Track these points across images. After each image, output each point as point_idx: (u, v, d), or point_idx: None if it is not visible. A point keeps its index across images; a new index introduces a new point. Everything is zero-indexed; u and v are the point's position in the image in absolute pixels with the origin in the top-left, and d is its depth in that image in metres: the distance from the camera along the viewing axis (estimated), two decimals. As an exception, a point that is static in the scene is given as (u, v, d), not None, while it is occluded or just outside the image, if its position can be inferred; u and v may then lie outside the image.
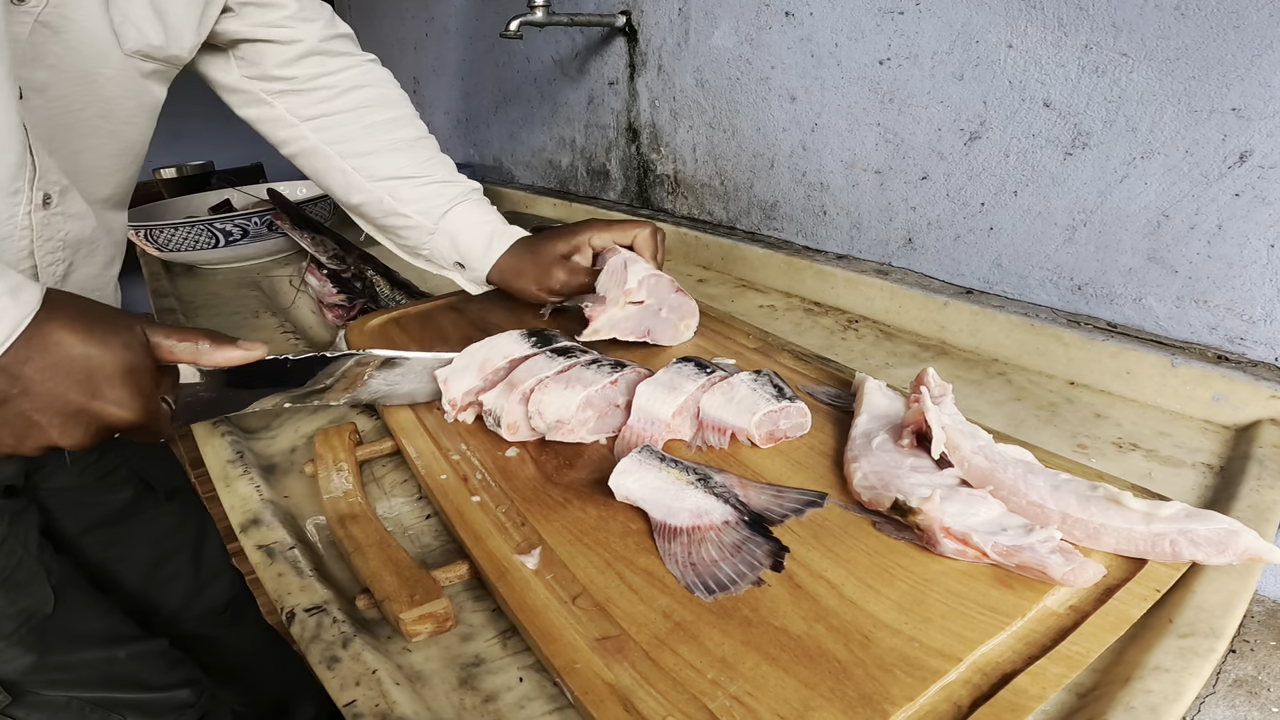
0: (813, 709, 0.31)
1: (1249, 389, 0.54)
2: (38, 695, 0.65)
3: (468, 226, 0.71)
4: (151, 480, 0.78)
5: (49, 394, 0.40)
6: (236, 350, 0.47)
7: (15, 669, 0.62)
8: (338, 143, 0.69)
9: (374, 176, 0.70)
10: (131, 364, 0.42)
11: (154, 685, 0.73)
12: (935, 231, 0.76)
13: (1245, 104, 0.53)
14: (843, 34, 0.78)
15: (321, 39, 0.66)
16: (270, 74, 0.66)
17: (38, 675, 0.64)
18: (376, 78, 0.71)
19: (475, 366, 0.55)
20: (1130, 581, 0.37)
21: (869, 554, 0.40)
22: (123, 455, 0.74)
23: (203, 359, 0.46)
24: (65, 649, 0.65)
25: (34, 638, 0.62)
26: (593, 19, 1.06)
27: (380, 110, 0.70)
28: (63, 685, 0.66)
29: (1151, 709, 0.31)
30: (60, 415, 0.41)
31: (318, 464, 0.52)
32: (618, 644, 0.35)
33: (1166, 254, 0.60)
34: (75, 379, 0.40)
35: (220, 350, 0.46)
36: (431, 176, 0.70)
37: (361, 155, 0.69)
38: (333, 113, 0.68)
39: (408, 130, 0.71)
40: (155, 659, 0.74)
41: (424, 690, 0.36)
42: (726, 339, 0.69)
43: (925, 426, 0.45)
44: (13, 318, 0.38)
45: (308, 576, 0.42)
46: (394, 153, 0.69)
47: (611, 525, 0.44)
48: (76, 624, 0.67)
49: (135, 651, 0.72)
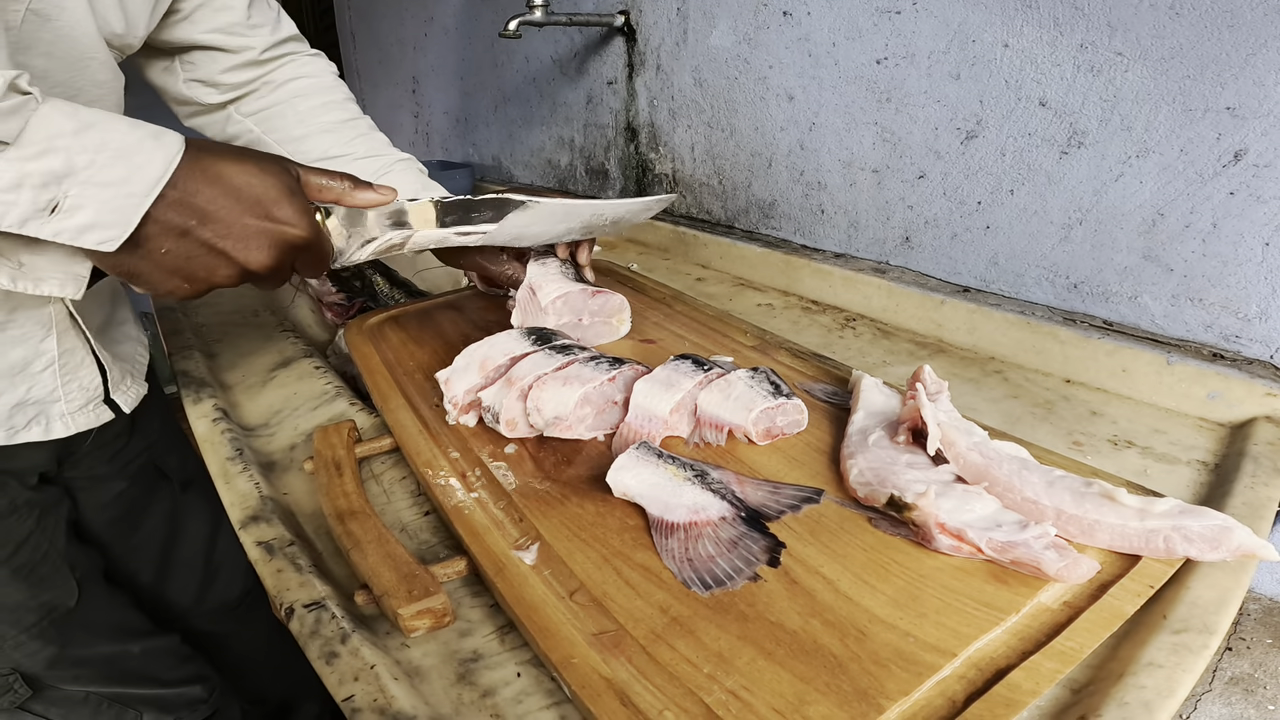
0: (808, 703, 0.31)
1: (1244, 386, 0.55)
2: (56, 690, 0.65)
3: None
4: (168, 470, 0.78)
5: (226, 219, 0.43)
6: (373, 193, 0.51)
7: (37, 662, 0.63)
8: (274, 131, 0.71)
9: (307, 159, 0.71)
10: (291, 186, 0.46)
11: (167, 680, 0.74)
12: (932, 230, 0.77)
13: (1240, 103, 0.53)
14: (840, 33, 0.78)
15: (267, 46, 0.68)
16: (215, 79, 0.68)
17: (58, 669, 0.64)
18: (312, 69, 0.72)
19: (476, 365, 0.55)
20: (1124, 578, 0.37)
21: (865, 550, 0.40)
22: (144, 442, 0.75)
23: (345, 198, 0.50)
24: (84, 643, 0.66)
25: (55, 630, 0.63)
26: (591, 19, 1.07)
27: (312, 97, 0.71)
28: (80, 680, 0.67)
29: (1145, 704, 0.31)
30: (242, 238, 0.44)
31: (317, 461, 0.52)
32: (615, 639, 0.35)
33: (1162, 252, 0.60)
34: (246, 203, 0.44)
35: (360, 192, 0.50)
36: (354, 154, 0.72)
37: (295, 140, 0.71)
38: (269, 105, 0.71)
39: (336, 114, 0.72)
40: (167, 655, 0.75)
41: (422, 685, 0.37)
42: (724, 337, 0.69)
43: (921, 423, 0.45)
44: (163, 156, 0.41)
45: (307, 573, 0.43)
46: (323, 135, 0.71)
47: (609, 521, 0.44)
48: (94, 618, 0.67)
49: (148, 647, 0.72)
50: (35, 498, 0.62)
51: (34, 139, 0.38)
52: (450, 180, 1.34)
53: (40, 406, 0.58)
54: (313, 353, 0.75)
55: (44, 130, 0.38)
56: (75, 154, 0.39)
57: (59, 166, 0.38)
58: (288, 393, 0.67)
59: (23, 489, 0.61)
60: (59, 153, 0.38)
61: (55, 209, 0.39)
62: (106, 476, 0.71)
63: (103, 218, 0.40)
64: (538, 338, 0.57)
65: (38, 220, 0.39)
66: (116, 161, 0.40)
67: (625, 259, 1.02)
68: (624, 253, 1.07)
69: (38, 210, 0.39)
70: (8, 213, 0.38)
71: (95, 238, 0.40)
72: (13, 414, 0.56)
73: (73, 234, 0.40)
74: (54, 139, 0.38)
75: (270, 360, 0.74)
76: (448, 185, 1.36)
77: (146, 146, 0.41)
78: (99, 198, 0.40)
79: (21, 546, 0.60)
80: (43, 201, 0.38)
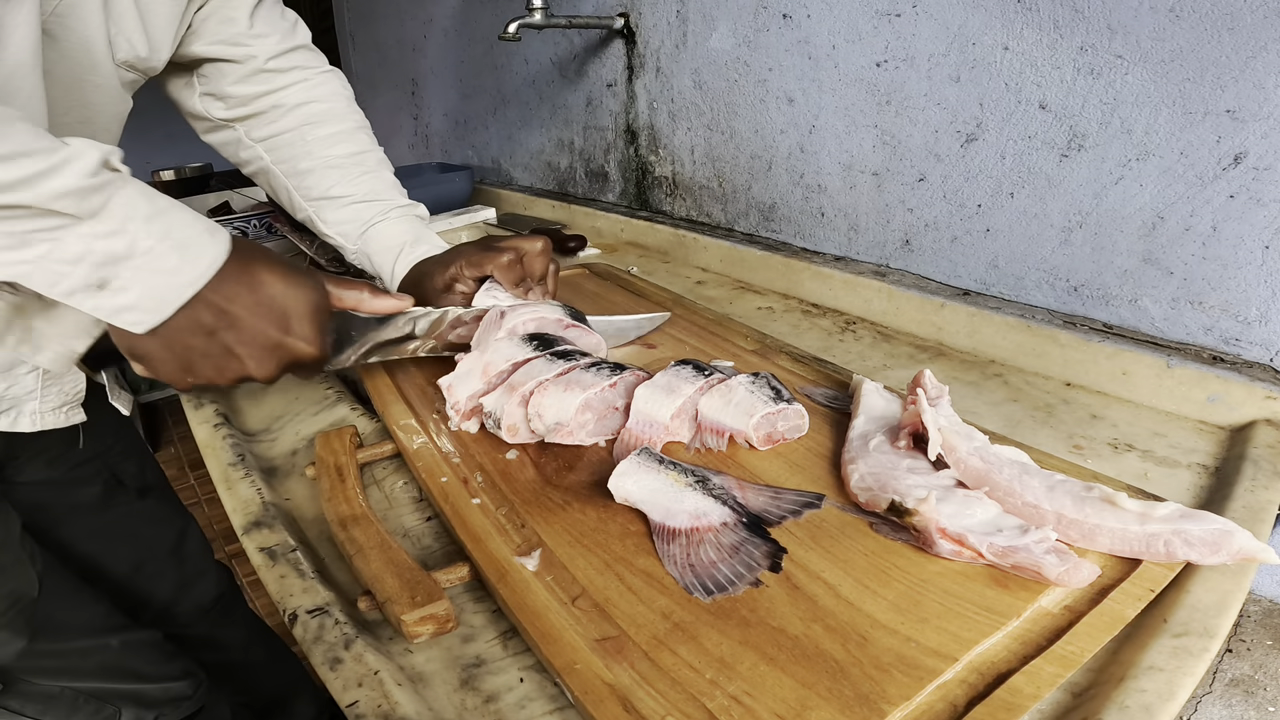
0: (810, 708, 0.31)
1: (1244, 390, 0.55)
2: (30, 685, 0.65)
3: (379, 250, 0.70)
4: (123, 477, 0.78)
5: (252, 329, 0.44)
6: (391, 300, 0.54)
7: (5, 654, 0.62)
8: (282, 162, 0.70)
9: (308, 196, 0.70)
10: (319, 304, 0.47)
11: (150, 676, 0.74)
12: (932, 233, 0.77)
13: (1240, 106, 0.53)
14: (840, 36, 0.78)
15: (272, 55, 0.67)
16: (225, 92, 0.67)
17: (28, 662, 0.64)
18: (324, 92, 0.70)
19: (478, 371, 0.55)
20: (1125, 581, 0.37)
21: (866, 555, 0.40)
22: (95, 449, 0.74)
23: (364, 306, 0.53)
24: (55, 636, 0.66)
25: (23, 621, 0.62)
26: (591, 21, 1.07)
27: (321, 126, 0.69)
28: (55, 674, 0.67)
29: (1146, 708, 0.32)
30: (259, 348, 0.45)
31: (319, 467, 0.52)
32: (617, 644, 0.36)
33: (1162, 255, 0.60)
34: (274, 316, 0.45)
35: (378, 300, 0.54)
36: (353, 196, 0.70)
37: (300, 175, 0.70)
38: (279, 132, 0.69)
39: (344, 146, 0.70)
40: (150, 650, 0.75)
41: (426, 691, 0.37)
42: (724, 341, 0.69)
43: (922, 428, 0.46)
44: (212, 253, 0.43)
45: (310, 578, 0.43)
46: (328, 170, 0.69)
47: (611, 527, 0.44)
48: (64, 612, 0.67)
49: (128, 640, 0.72)
50: None
51: (111, 218, 0.39)
52: (450, 182, 1.35)
53: (14, 402, 0.58)
54: (314, 357, 0.75)
55: (122, 211, 0.39)
56: (140, 239, 0.39)
57: (122, 249, 0.39)
58: (289, 398, 0.67)
59: None
60: (127, 235, 0.39)
61: (105, 286, 0.40)
62: (51, 482, 0.71)
63: (144, 302, 0.41)
64: (539, 343, 0.57)
65: (84, 294, 0.39)
66: (173, 252, 0.41)
67: (625, 262, 1.02)
68: (624, 256, 1.07)
69: (88, 285, 0.39)
70: (59, 282, 0.38)
71: (130, 319, 0.41)
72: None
73: (110, 312, 0.41)
74: (127, 222, 0.39)
75: (272, 364, 0.74)
76: (447, 187, 1.37)
77: (201, 241, 0.42)
78: (148, 283, 0.40)
79: None
80: (96, 278, 0.39)
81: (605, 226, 1.18)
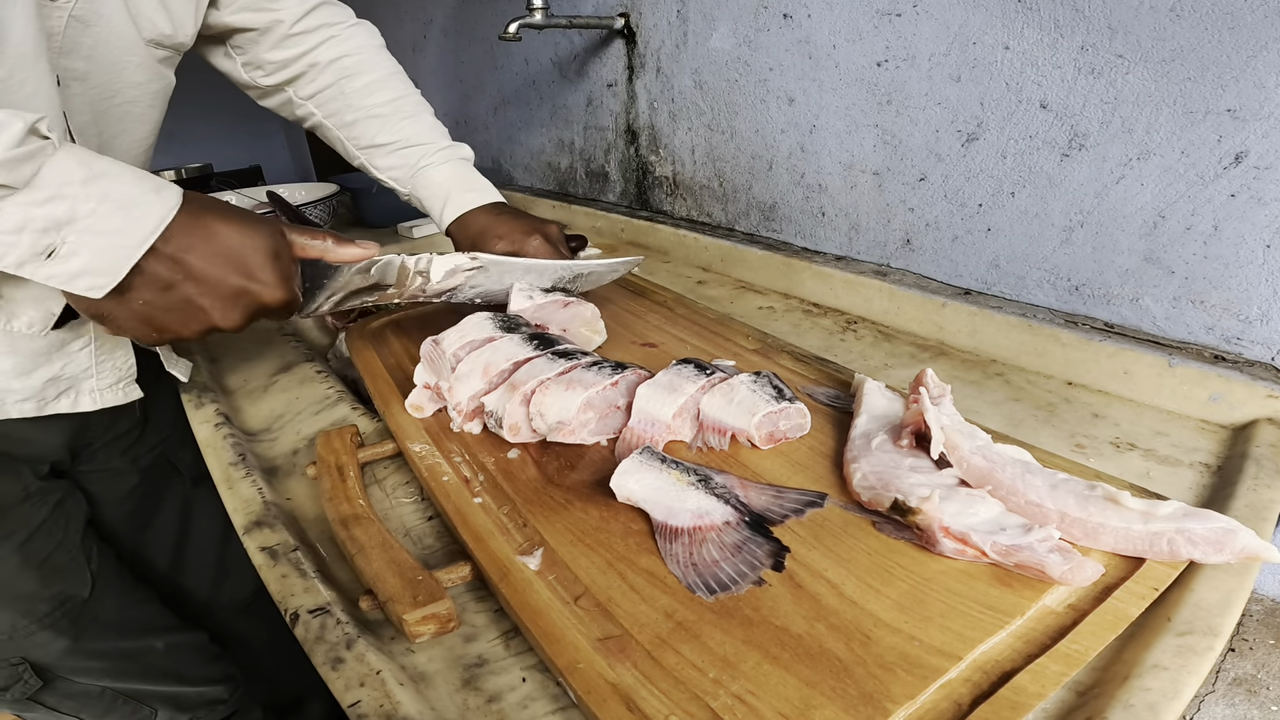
0: (814, 707, 0.31)
1: (1245, 388, 0.55)
2: (70, 683, 0.66)
3: (428, 196, 0.75)
4: (181, 465, 0.79)
5: (211, 278, 0.44)
6: (356, 248, 0.53)
7: (48, 653, 0.63)
8: (331, 115, 0.73)
9: (358, 145, 0.74)
10: (277, 248, 0.47)
11: (190, 679, 0.74)
12: (933, 233, 0.77)
13: (1240, 105, 0.53)
14: (840, 36, 0.78)
15: (297, 18, 0.69)
16: (261, 60, 0.70)
17: (70, 661, 0.64)
18: (354, 45, 0.72)
19: (479, 370, 0.55)
20: (1128, 580, 0.37)
21: (869, 554, 0.40)
22: (158, 435, 0.75)
23: (329, 255, 0.52)
24: (100, 636, 0.66)
25: (68, 622, 0.63)
26: (591, 21, 1.07)
27: (356, 78, 0.72)
28: (97, 674, 0.67)
29: (1150, 707, 0.31)
30: (221, 297, 0.45)
31: (320, 466, 0.52)
32: (620, 644, 0.36)
33: (1163, 254, 0.60)
34: (233, 264, 0.45)
35: (343, 248, 0.53)
36: (397, 143, 0.73)
37: (347, 126, 0.73)
38: (321, 89, 0.72)
39: (381, 94, 0.73)
40: (193, 652, 0.75)
41: (428, 691, 0.37)
42: (726, 340, 0.69)
43: (924, 427, 0.45)
44: (159, 211, 0.42)
45: (311, 578, 0.43)
46: (370, 120, 0.73)
47: (613, 526, 0.44)
48: (113, 612, 0.67)
49: (173, 643, 0.72)
50: (48, 487, 0.63)
51: (45, 185, 0.39)
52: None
53: (72, 381, 0.59)
54: (314, 357, 0.75)
55: (55, 177, 0.39)
56: (80, 202, 0.40)
57: (62, 214, 0.39)
58: (289, 397, 0.67)
59: (34, 478, 0.61)
60: (65, 200, 0.39)
61: (52, 254, 0.40)
62: (121, 470, 0.72)
63: (95, 265, 0.41)
64: (540, 342, 0.57)
65: (34, 263, 0.40)
66: (116, 212, 0.41)
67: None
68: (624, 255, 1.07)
69: (36, 254, 0.39)
70: (6, 254, 0.39)
71: (85, 284, 0.41)
72: (45, 388, 0.57)
73: (65, 279, 0.41)
74: (63, 186, 0.39)
75: (271, 365, 0.74)
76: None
77: (147, 200, 0.42)
78: (94, 245, 0.40)
79: (34, 535, 0.61)
80: (41, 246, 0.39)
81: (606, 226, 1.18)
